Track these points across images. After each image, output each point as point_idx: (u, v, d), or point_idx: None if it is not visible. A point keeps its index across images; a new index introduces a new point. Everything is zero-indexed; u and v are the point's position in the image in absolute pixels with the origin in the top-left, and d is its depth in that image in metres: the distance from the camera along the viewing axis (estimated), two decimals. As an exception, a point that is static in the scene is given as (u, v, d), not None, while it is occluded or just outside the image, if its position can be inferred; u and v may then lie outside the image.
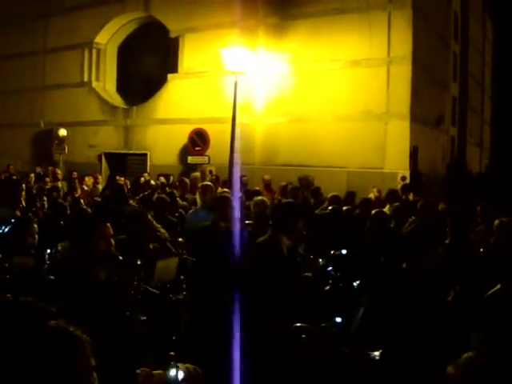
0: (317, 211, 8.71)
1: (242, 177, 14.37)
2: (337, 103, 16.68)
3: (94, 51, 22.04)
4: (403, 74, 16.16)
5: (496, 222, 6.86)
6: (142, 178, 14.39)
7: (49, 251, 5.31)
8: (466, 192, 15.73)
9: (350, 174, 16.18)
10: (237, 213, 7.33)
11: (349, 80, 16.63)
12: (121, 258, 4.59)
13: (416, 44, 16.33)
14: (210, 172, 17.31)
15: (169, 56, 20.12)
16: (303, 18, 17.36)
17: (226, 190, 10.54)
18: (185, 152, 18.56)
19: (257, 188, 13.03)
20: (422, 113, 17.46)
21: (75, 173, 15.06)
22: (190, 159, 17.85)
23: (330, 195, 9.72)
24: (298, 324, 3.85)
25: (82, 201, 9.66)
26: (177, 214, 8.65)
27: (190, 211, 8.78)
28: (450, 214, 8.23)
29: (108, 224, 4.40)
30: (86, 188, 13.35)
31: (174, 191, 10.54)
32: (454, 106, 22.80)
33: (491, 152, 33.05)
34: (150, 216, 6.46)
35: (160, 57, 20.50)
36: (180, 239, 6.99)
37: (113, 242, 4.64)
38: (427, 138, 18.17)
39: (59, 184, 13.51)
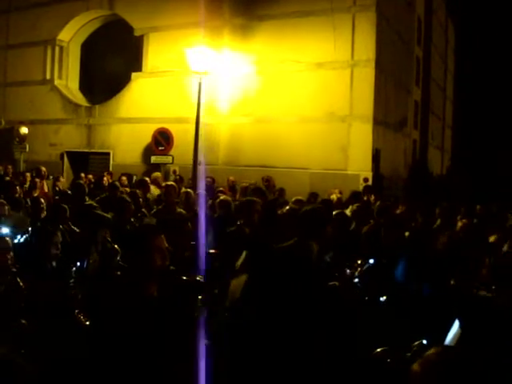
0: (278, 211, 8.71)
1: (206, 177, 14.36)
2: (300, 105, 16.76)
3: (57, 48, 21.72)
4: (367, 76, 16.33)
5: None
6: (105, 178, 14.19)
7: (78, 264, 4.97)
8: (427, 194, 15.98)
9: (312, 175, 16.27)
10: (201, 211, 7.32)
11: (313, 82, 16.72)
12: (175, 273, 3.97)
13: (380, 47, 16.51)
14: (174, 172, 17.23)
15: (133, 55, 19.94)
16: (268, 20, 17.40)
17: (188, 190, 10.51)
18: (148, 151, 18.43)
19: (221, 188, 13.00)
20: (385, 116, 17.67)
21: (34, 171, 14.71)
22: (154, 159, 17.73)
23: (293, 199, 9.71)
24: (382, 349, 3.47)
25: (42, 200, 9.47)
26: (139, 214, 8.56)
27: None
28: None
29: (163, 235, 3.81)
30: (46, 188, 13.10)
31: (137, 191, 10.43)
32: (416, 109, 23.13)
33: (452, 155, 33.64)
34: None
35: (124, 55, 20.29)
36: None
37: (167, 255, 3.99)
38: (390, 141, 18.39)
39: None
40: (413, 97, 22.33)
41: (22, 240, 5.97)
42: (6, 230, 5.80)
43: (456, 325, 3.36)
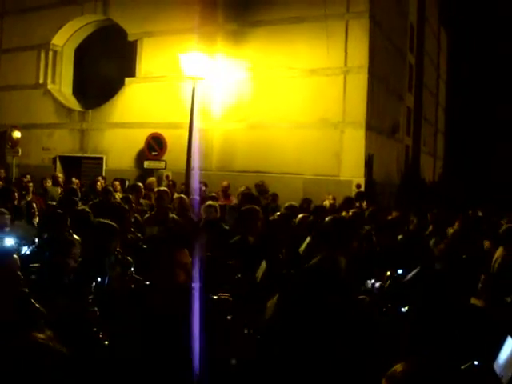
0: (271, 217, 8.74)
1: (200, 183, 14.38)
2: (294, 111, 16.81)
3: (51, 53, 21.68)
4: (359, 83, 16.40)
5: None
6: (99, 183, 14.18)
7: (99, 279, 4.51)
8: (419, 200, 16.04)
9: (305, 181, 16.31)
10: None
11: (306, 88, 16.78)
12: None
13: (372, 54, 16.60)
14: (167, 177, 17.22)
15: (126, 60, 19.94)
16: (262, 26, 17.46)
17: (182, 195, 10.53)
18: (141, 156, 18.42)
19: (213, 194, 13.01)
20: (378, 122, 17.74)
21: (28, 176, 14.71)
22: (147, 164, 17.73)
23: (286, 204, 9.73)
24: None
25: (34, 205, 9.44)
26: (132, 220, 8.56)
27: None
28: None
29: (185, 250, 3.60)
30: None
31: (130, 196, 10.44)
32: (408, 116, 23.24)
33: (444, 161, 33.80)
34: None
35: (117, 60, 20.28)
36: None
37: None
38: (382, 147, 18.46)
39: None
40: (405, 103, 22.44)
41: (28, 252, 5.55)
42: (10, 242, 5.36)
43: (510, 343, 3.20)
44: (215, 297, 4.00)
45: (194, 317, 3.31)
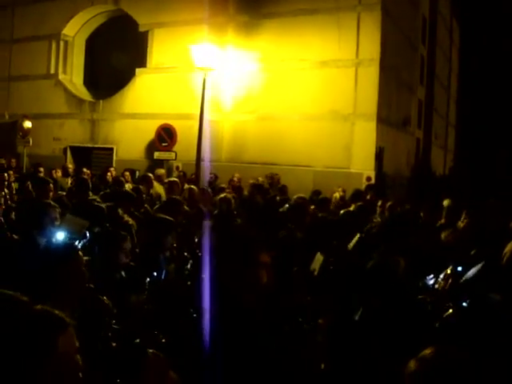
0: (281, 209, 8.74)
1: (210, 174, 14.41)
2: (304, 103, 16.76)
3: (62, 43, 21.73)
4: (371, 75, 16.32)
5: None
6: (109, 173, 14.23)
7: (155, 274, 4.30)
8: (429, 193, 15.98)
9: (316, 173, 16.28)
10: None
11: (317, 80, 16.72)
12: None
13: (384, 46, 16.50)
14: (177, 168, 17.27)
15: (137, 50, 19.94)
16: (273, 17, 17.40)
17: (192, 186, 10.55)
18: (151, 147, 18.44)
19: (223, 185, 13.02)
20: (389, 114, 17.67)
21: (41, 168, 14.71)
22: (157, 155, 17.75)
23: (295, 196, 9.69)
24: None
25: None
26: (142, 210, 8.59)
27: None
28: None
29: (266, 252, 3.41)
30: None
31: (140, 186, 10.46)
32: (420, 108, 23.11)
33: (455, 154, 33.63)
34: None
35: (128, 51, 20.29)
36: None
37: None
38: (393, 140, 18.39)
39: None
40: (417, 96, 22.32)
41: (79, 247, 5.19)
42: (61, 236, 5.15)
43: None
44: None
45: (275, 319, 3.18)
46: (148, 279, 4.19)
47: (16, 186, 11.37)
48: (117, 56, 19.96)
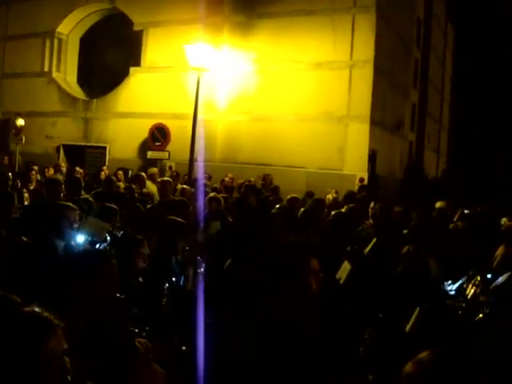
0: (273, 210, 8.73)
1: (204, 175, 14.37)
2: (298, 104, 16.78)
3: (56, 41, 21.66)
4: (365, 77, 16.36)
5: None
6: (103, 173, 14.20)
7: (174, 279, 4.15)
8: (421, 196, 16.00)
9: (309, 175, 16.29)
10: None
11: (311, 81, 16.74)
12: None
13: (378, 48, 16.54)
14: (170, 168, 17.23)
15: (132, 49, 19.91)
16: (268, 18, 17.41)
17: (185, 186, 10.54)
18: (145, 147, 18.41)
19: (215, 186, 13.02)
20: (382, 117, 17.71)
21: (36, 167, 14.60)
22: (150, 154, 17.72)
23: (288, 196, 9.70)
24: None
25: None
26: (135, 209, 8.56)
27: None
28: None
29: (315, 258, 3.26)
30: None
31: (133, 186, 10.44)
32: (413, 111, 23.17)
33: (448, 157, 33.73)
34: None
35: (123, 50, 20.26)
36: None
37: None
38: (386, 142, 18.43)
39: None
40: (410, 98, 22.37)
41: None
42: (81, 239, 5.08)
43: None
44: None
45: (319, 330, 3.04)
46: (166, 285, 4.04)
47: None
48: (111, 54, 19.95)
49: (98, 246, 5.07)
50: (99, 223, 5.33)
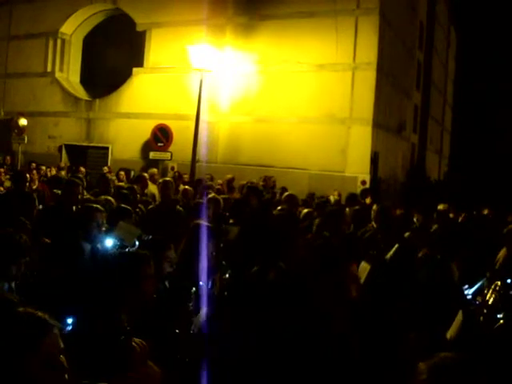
0: (274, 211, 8.70)
1: (205, 175, 14.37)
2: (301, 106, 16.78)
3: (59, 41, 21.68)
4: (367, 79, 16.35)
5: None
6: (108, 174, 14.17)
7: (202, 284, 4.02)
8: (423, 198, 15.99)
9: (311, 177, 16.29)
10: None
11: (314, 83, 16.74)
12: None
13: (381, 51, 16.54)
14: (172, 168, 17.25)
15: (135, 50, 19.91)
16: (271, 20, 17.41)
17: (187, 187, 10.53)
18: (147, 147, 18.42)
19: (218, 187, 13.00)
20: (385, 119, 17.70)
21: (34, 164, 14.71)
22: (152, 155, 17.71)
23: (284, 195, 9.58)
24: None
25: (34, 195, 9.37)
26: (137, 210, 8.56)
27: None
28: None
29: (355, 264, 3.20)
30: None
31: (135, 186, 10.43)
32: (415, 113, 23.17)
33: (450, 160, 33.72)
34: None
35: (126, 50, 20.27)
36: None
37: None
38: (388, 144, 18.42)
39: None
40: (412, 101, 22.37)
41: None
42: (110, 243, 4.97)
43: None
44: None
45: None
46: (194, 289, 3.93)
47: (8, 184, 11.35)
48: (114, 55, 19.94)
49: (127, 250, 4.83)
50: (129, 228, 5.27)
